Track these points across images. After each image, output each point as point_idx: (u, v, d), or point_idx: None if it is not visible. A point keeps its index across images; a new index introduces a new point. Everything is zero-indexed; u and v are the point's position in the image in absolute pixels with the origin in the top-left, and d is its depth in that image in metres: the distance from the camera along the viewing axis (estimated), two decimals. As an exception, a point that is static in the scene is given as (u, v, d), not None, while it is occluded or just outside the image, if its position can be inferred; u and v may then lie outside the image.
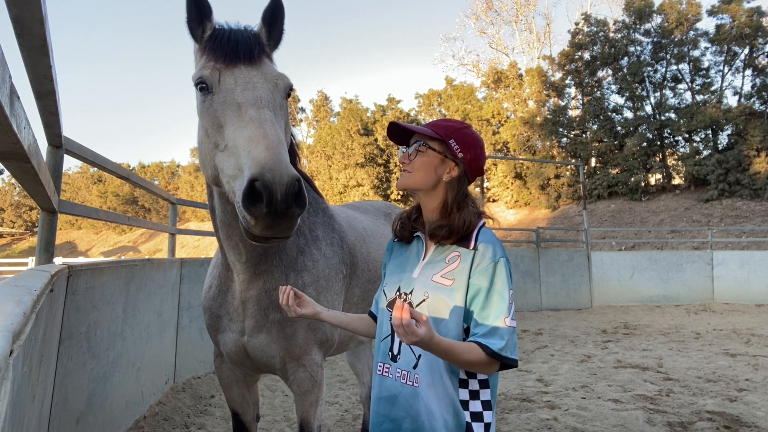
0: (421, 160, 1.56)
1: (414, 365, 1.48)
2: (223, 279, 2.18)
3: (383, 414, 1.52)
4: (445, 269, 1.51)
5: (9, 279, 1.59)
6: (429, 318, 1.42)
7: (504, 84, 29.63)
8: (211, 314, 2.23)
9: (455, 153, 1.54)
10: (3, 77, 1.11)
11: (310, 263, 2.19)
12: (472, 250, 1.49)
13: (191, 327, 5.36)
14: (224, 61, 1.64)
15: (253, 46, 1.71)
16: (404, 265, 1.63)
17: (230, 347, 2.17)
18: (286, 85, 1.74)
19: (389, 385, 1.52)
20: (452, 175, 1.55)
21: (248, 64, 1.66)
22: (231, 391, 2.37)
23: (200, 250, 34.02)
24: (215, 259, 2.32)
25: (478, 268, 1.46)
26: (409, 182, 1.58)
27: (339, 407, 4.60)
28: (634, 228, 18.57)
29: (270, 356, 2.11)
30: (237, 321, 2.13)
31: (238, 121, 1.50)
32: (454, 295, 1.47)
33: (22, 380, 1.23)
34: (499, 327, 1.40)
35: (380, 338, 1.61)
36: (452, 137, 1.54)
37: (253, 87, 1.60)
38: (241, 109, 1.53)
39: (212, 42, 1.70)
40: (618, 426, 4.05)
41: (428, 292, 1.50)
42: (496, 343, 1.38)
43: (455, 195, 1.55)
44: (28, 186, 2.13)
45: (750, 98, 22.65)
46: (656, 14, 24.28)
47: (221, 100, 1.58)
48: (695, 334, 8.53)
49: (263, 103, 1.57)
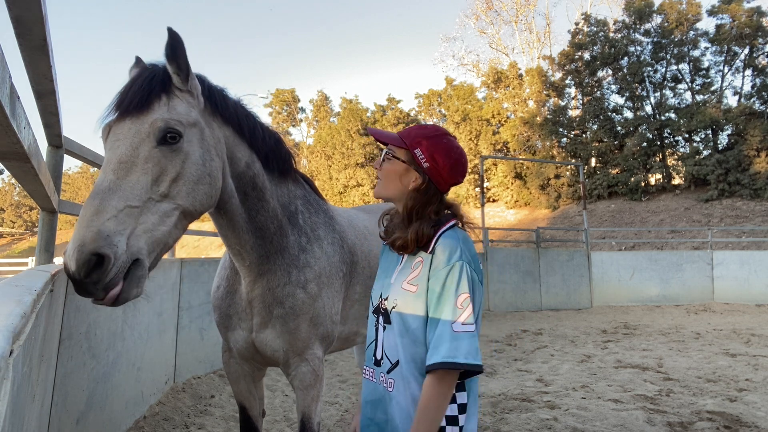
0: (387, 168, 1.56)
1: (389, 370, 1.50)
2: (231, 280, 2.27)
3: (369, 417, 1.55)
4: (410, 275, 1.51)
5: (9, 279, 1.59)
6: (400, 326, 1.47)
7: (504, 84, 29.63)
8: (221, 313, 2.31)
9: (420, 162, 1.51)
10: (3, 77, 1.11)
11: (312, 260, 2.25)
12: (429, 254, 1.48)
13: (191, 327, 5.36)
14: (113, 115, 1.64)
15: (140, 94, 1.63)
16: (387, 270, 1.64)
17: (240, 344, 2.26)
18: (156, 130, 1.61)
19: (373, 390, 1.55)
20: (416, 184, 1.53)
21: (131, 115, 1.61)
22: (238, 384, 2.43)
23: (200, 250, 34.02)
24: (223, 260, 2.40)
25: (433, 272, 1.45)
26: (379, 190, 1.59)
27: (339, 407, 4.60)
28: (634, 228, 18.58)
29: (274, 350, 2.19)
30: (246, 319, 2.21)
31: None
32: (418, 301, 1.46)
33: (22, 380, 1.23)
34: (444, 333, 1.37)
35: (367, 343, 1.63)
36: (419, 146, 1.52)
37: (116, 146, 1.57)
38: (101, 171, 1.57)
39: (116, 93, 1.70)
40: (618, 426, 4.05)
41: (397, 300, 1.51)
42: (440, 353, 1.35)
43: (413, 205, 1.53)
44: (28, 186, 2.13)
45: (750, 98, 22.65)
46: (656, 14, 24.28)
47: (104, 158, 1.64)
48: (695, 334, 8.53)
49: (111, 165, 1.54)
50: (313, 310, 2.19)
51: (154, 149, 1.59)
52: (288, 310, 2.14)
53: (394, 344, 1.50)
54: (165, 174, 1.60)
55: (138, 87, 1.64)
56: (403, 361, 1.47)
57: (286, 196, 2.23)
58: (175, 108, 1.68)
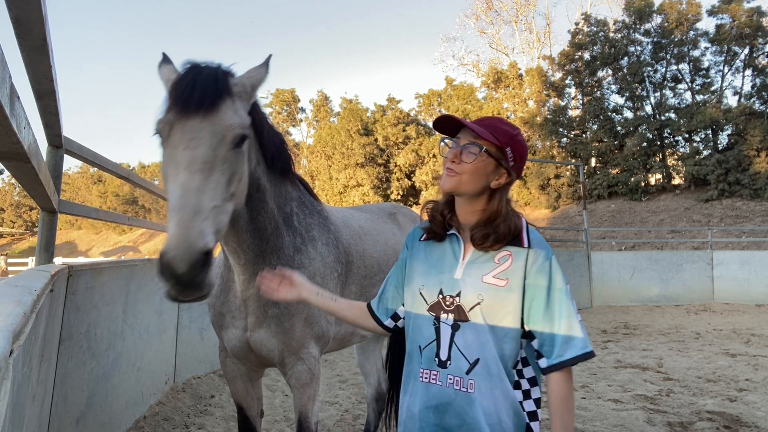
0: (475, 164, 1.45)
1: (467, 371, 1.42)
2: (225, 279, 2.27)
3: (434, 423, 1.44)
4: (496, 269, 1.45)
5: (9, 279, 1.59)
6: (485, 322, 1.43)
7: (504, 84, 29.63)
8: (215, 311, 2.32)
9: (509, 161, 1.47)
10: (3, 77, 1.11)
11: (307, 261, 2.27)
12: (525, 248, 1.45)
13: (191, 327, 5.36)
14: (176, 112, 1.60)
15: (209, 93, 1.63)
16: (440, 265, 1.53)
17: (234, 343, 2.26)
18: (234, 136, 1.63)
19: (438, 393, 1.45)
20: (500, 182, 1.48)
21: (199, 114, 1.59)
22: (236, 384, 2.45)
23: (200, 250, 33.98)
24: (218, 258, 2.39)
25: (533, 267, 1.43)
26: (459, 187, 1.47)
27: (339, 407, 4.60)
28: (634, 228, 18.58)
29: (270, 350, 2.20)
30: (240, 318, 2.22)
31: (173, 181, 1.52)
32: (511, 295, 1.42)
33: (22, 380, 1.23)
34: (573, 326, 1.40)
35: (421, 343, 1.51)
36: (509, 145, 1.47)
37: (194, 145, 1.56)
38: (177, 170, 1.53)
39: (172, 89, 1.67)
40: (618, 426, 4.05)
41: (482, 295, 1.43)
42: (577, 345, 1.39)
43: (500, 203, 1.49)
44: (28, 186, 2.14)
45: (750, 98, 22.65)
46: (656, 14, 24.28)
47: (168, 155, 1.59)
48: (695, 334, 8.53)
49: (196, 165, 1.53)
50: (307, 310, 2.20)
51: (229, 152, 1.62)
52: (283, 310, 2.16)
53: (474, 342, 1.42)
54: (234, 175, 1.66)
55: (204, 86, 1.63)
56: (489, 359, 1.40)
57: (282, 197, 2.24)
58: (240, 111, 1.73)
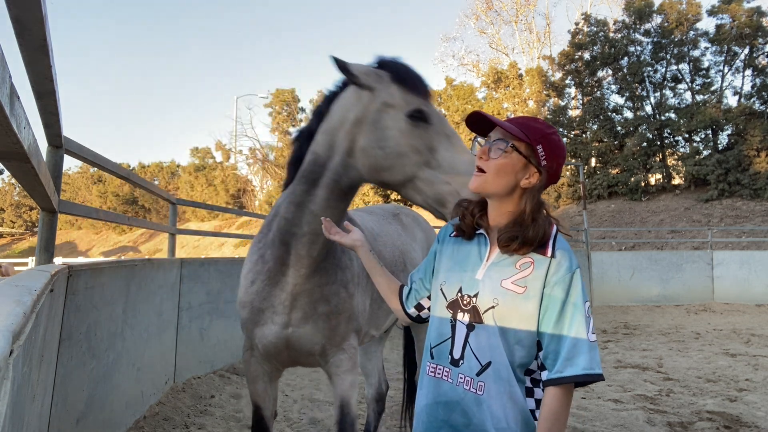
0: (503, 162, 1.42)
1: (478, 372, 1.40)
2: (272, 273, 2.23)
3: (441, 419, 1.45)
4: (516, 275, 1.41)
5: (9, 279, 1.59)
6: (496, 327, 1.40)
7: (504, 84, 29.61)
8: (252, 308, 2.28)
9: (540, 159, 1.42)
10: (3, 77, 1.11)
11: (349, 262, 2.37)
12: (548, 257, 1.40)
13: (191, 327, 5.36)
14: (424, 96, 1.94)
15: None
16: (464, 263, 1.51)
17: (269, 339, 2.26)
18: None
19: (448, 390, 1.45)
20: (531, 182, 1.43)
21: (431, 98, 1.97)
22: (256, 384, 2.46)
23: (200, 250, 34.01)
24: (256, 256, 2.32)
25: (554, 277, 1.38)
26: (485, 186, 1.44)
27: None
28: (634, 228, 18.58)
29: (314, 344, 2.28)
30: (281, 314, 2.23)
31: (452, 149, 1.86)
32: (528, 303, 1.38)
33: (22, 380, 1.23)
34: (581, 344, 1.33)
35: (436, 340, 1.51)
36: (540, 142, 1.42)
37: (447, 121, 1.95)
38: (451, 140, 1.89)
39: (406, 76, 1.96)
40: (618, 426, 4.05)
41: (498, 299, 1.40)
42: (579, 364, 1.32)
43: (532, 205, 1.43)
44: (28, 186, 2.13)
45: (750, 98, 22.62)
46: (656, 14, 24.25)
47: (436, 131, 1.89)
48: (695, 334, 8.53)
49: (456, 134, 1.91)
50: (351, 308, 2.31)
51: None
52: (333, 308, 2.24)
53: (487, 345, 1.40)
54: None
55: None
56: (500, 363, 1.38)
57: None
58: None
